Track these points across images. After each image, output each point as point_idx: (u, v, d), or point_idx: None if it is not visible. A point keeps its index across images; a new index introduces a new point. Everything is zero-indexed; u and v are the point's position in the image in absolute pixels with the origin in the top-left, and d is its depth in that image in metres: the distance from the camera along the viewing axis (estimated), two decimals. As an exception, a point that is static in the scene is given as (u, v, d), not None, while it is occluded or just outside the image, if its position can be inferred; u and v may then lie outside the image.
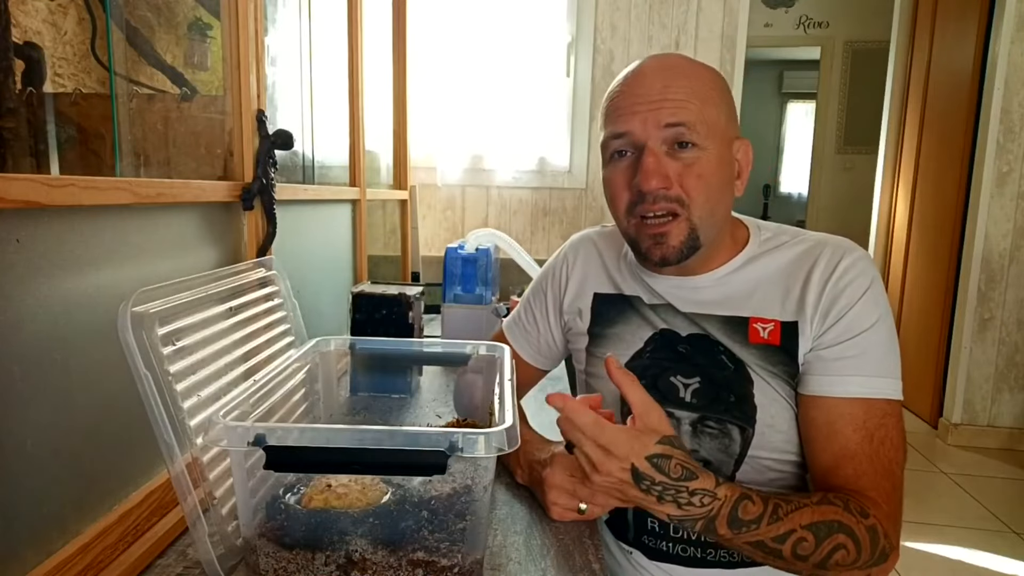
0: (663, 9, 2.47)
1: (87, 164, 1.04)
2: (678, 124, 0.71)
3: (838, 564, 0.65)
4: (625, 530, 0.83)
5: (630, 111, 0.73)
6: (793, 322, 0.75)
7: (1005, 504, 2.35)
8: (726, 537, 0.64)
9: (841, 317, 0.73)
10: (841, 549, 0.65)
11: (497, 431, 0.54)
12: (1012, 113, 2.70)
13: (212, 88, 1.21)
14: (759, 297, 0.78)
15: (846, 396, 0.71)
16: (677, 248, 0.74)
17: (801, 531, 0.64)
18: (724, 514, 0.64)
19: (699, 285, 0.80)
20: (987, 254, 2.77)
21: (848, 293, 0.73)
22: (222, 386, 0.66)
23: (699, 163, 0.73)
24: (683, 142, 0.72)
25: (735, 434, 0.76)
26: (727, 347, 0.77)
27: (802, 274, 0.76)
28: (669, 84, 0.73)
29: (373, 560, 0.57)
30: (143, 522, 0.65)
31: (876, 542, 0.66)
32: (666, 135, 0.72)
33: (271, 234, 0.93)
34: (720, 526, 0.64)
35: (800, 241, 0.80)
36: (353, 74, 1.49)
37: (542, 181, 2.57)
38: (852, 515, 0.66)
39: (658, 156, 0.72)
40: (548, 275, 0.96)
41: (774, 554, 0.65)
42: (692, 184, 0.72)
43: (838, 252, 0.76)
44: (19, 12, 1.01)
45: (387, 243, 2.06)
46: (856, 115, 4.85)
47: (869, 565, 0.66)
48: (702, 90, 0.74)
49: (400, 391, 1.08)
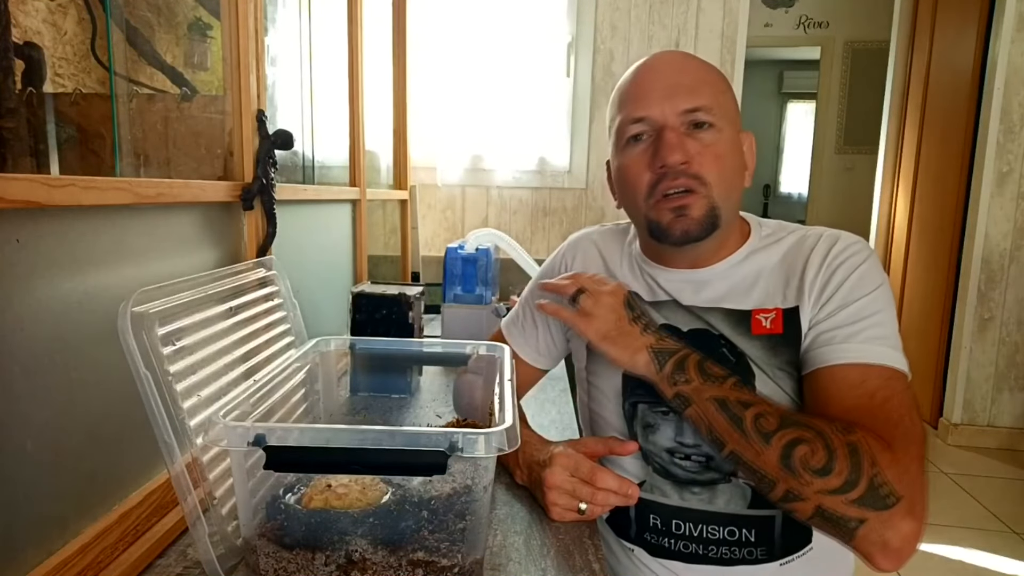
0: (663, 9, 2.47)
1: (87, 164, 1.04)
2: (696, 109, 0.74)
3: (805, 466, 0.60)
4: (627, 527, 0.83)
5: (647, 96, 0.76)
6: (794, 307, 0.76)
7: (1005, 504, 2.35)
8: (694, 384, 0.68)
9: (837, 290, 0.73)
10: (805, 444, 0.61)
11: (497, 431, 0.54)
12: (1012, 113, 2.70)
13: (212, 88, 1.21)
14: (761, 289, 0.78)
15: (841, 362, 0.68)
16: (699, 221, 0.75)
17: (765, 406, 0.65)
18: (695, 357, 0.71)
19: (705, 278, 0.81)
20: (987, 254, 2.77)
21: (843, 268, 0.74)
22: (222, 386, 0.66)
23: (717, 144, 0.75)
24: (700, 123, 0.74)
25: None
26: (729, 340, 0.77)
27: (800, 259, 0.77)
28: (683, 70, 0.76)
29: (373, 560, 0.57)
30: (143, 522, 0.65)
31: (857, 462, 0.60)
32: (684, 118, 0.74)
33: (271, 234, 0.93)
34: (691, 367, 0.70)
35: (800, 235, 0.81)
36: (353, 74, 1.49)
37: (542, 181, 2.57)
38: (827, 424, 0.62)
39: (679, 134, 0.74)
40: (547, 275, 0.96)
41: (736, 423, 0.65)
42: (710, 162, 0.74)
43: (834, 236, 0.78)
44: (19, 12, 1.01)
45: (387, 243, 2.06)
46: (856, 115, 4.85)
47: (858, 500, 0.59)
48: (713, 78, 0.77)
49: (400, 391, 1.08)
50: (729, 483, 0.76)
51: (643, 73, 0.78)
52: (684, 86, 0.75)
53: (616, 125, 0.79)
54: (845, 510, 0.60)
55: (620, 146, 0.79)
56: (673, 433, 0.78)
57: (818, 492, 0.61)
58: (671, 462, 0.79)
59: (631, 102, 0.77)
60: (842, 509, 0.60)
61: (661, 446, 0.79)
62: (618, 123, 0.79)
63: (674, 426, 0.78)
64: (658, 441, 0.79)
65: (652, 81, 0.76)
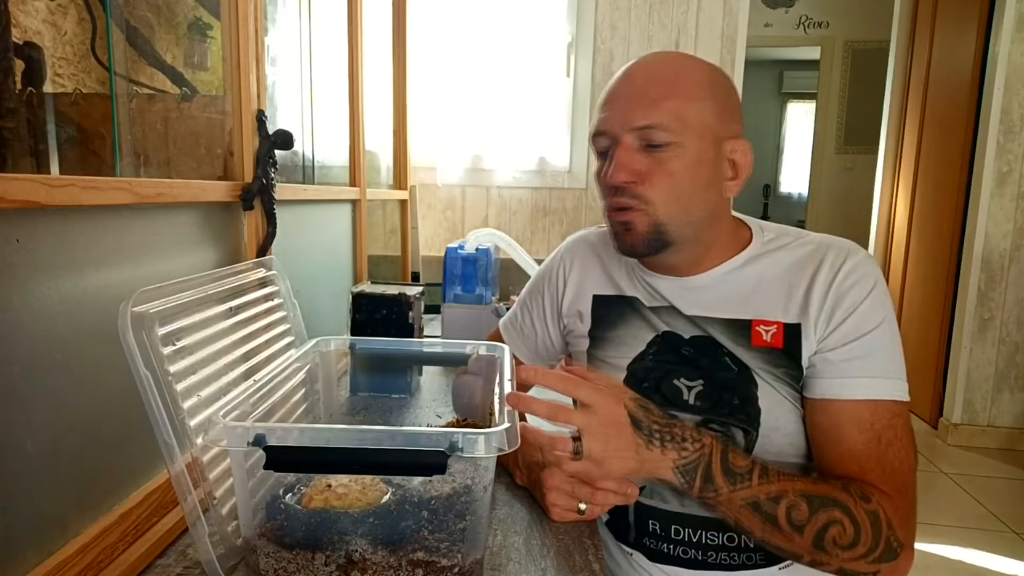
0: (663, 9, 2.47)
1: (87, 164, 1.04)
2: (647, 127, 0.72)
3: (836, 544, 0.64)
4: (626, 531, 0.83)
5: (608, 110, 0.76)
6: (796, 324, 0.75)
7: (1005, 504, 2.35)
8: (724, 494, 0.65)
9: (846, 318, 0.73)
10: (836, 525, 0.64)
11: (497, 431, 0.54)
12: (1012, 113, 2.70)
13: (212, 88, 1.21)
14: (761, 298, 0.78)
15: (852, 398, 0.71)
16: (642, 237, 0.75)
17: (794, 496, 0.65)
18: (717, 460, 0.65)
19: (699, 285, 0.80)
20: (987, 254, 2.77)
21: (852, 294, 0.73)
22: (222, 386, 0.66)
23: (671, 161, 0.73)
24: (654, 143, 0.73)
25: (739, 437, 0.76)
26: (730, 350, 0.77)
27: (806, 276, 0.76)
28: (653, 80, 0.74)
29: (373, 560, 0.57)
30: (143, 522, 0.65)
31: (878, 530, 0.65)
32: (638, 134, 0.73)
33: (271, 234, 0.93)
34: (717, 474, 0.65)
35: (803, 243, 0.79)
36: (353, 74, 1.49)
37: (542, 181, 2.57)
38: (850, 496, 0.66)
39: (630, 151, 0.74)
40: (545, 277, 0.96)
41: (771, 520, 0.65)
42: (659, 181, 0.73)
43: (841, 254, 0.76)
44: (19, 12, 1.01)
45: (387, 243, 2.06)
46: (856, 115, 4.85)
47: (876, 559, 0.65)
48: (687, 88, 0.73)
49: (400, 391, 1.08)
50: None
51: (616, 82, 0.77)
52: (646, 99, 0.72)
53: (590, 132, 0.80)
54: (865, 568, 0.66)
55: (595, 156, 0.80)
56: None
57: (843, 560, 0.66)
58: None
59: (599, 112, 0.77)
60: (862, 568, 0.66)
61: None
62: (591, 131, 0.79)
63: None
64: None
65: (615, 95, 0.76)
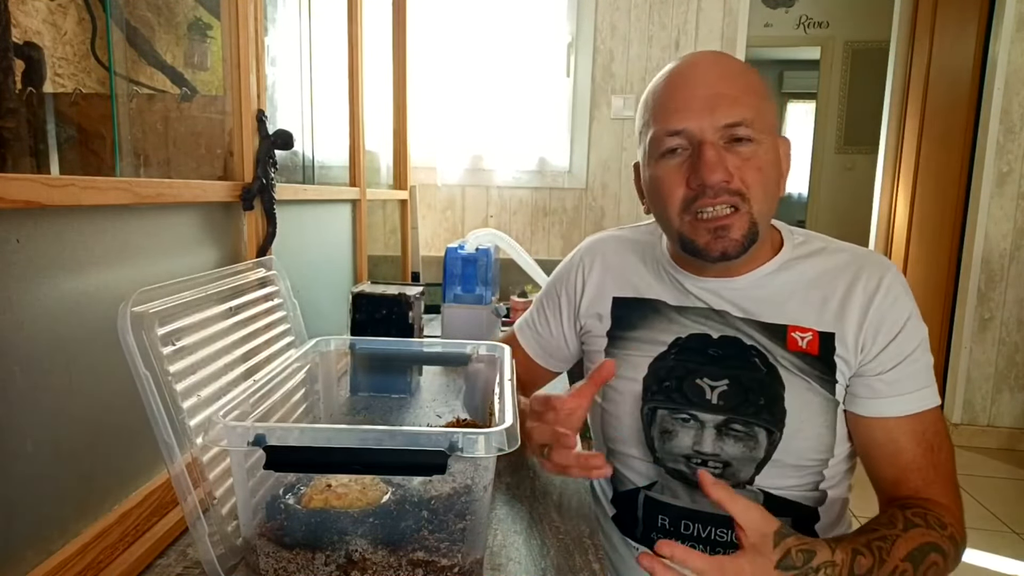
0: (663, 9, 2.47)
1: (87, 164, 1.04)
2: (736, 124, 0.71)
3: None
4: (633, 526, 0.83)
5: (685, 107, 0.72)
6: (831, 333, 0.75)
7: (1005, 504, 2.35)
8: None
9: (892, 339, 0.74)
10: (934, 567, 0.67)
11: (497, 431, 0.54)
12: (1012, 113, 2.70)
13: (212, 88, 1.21)
14: (796, 303, 0.77)
15: (906, 414, 0.74)
16: (739, 242, 0.73)
17: (902, 564, 0.66)
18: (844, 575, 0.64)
19: (738, 287, 0.79)
20: (987, 254, 2.77)
21: (894, 315, 0.74)
22: (222, 386, 0.66)
23: (757, 156, 0.72)
24: (740, 138, 0.71)
25: (761, 437, 0.76)
26: (761, 351, 0.77)
27: (841, 286, 0.76)
28: (724, 77, 0.72)
29: (373, 560, 0.57)
30: (143, 522, 0.65)
31: (958, 547, 0.70)
32: (724, 132, 0.71)
33: (271, 234, 0.93)
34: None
35: (836, 250, 0.79)
36: (353, 74, 1.49)
37: (542, 181, 2.57)
38: (935, 531, 0.68)
39: (718, 149, 0.71)
40: (562, 279, 0.94)
41: None
42: (752, 177, 0.72)
43: (879, 269, 0.76)
44: (19, 12, 1.01)
45: (387, 243, 2.06)
46: (856, 115, 4.85)
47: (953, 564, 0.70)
48: (755, 85, 0.73)
49: (400, 391, 1.08)
50: (744, 489, 0.76)
51: (681, 80, 0.73)
52: (726, 97, 0.70)
53: (650, 135, 0.75)
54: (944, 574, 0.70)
55: (654, 157, 0.75)
56: (691, 441, 0.78)
57: None
58: (686, 466, 0.79)
59: (668, 112, 0.73)
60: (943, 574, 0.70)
61: (678, 453, 0.79)
62: (652, 134, 0.75)
63: (693, 433, 0.78)
64: (675, 447, 0.79)
65: (691, 90, 0.72)
